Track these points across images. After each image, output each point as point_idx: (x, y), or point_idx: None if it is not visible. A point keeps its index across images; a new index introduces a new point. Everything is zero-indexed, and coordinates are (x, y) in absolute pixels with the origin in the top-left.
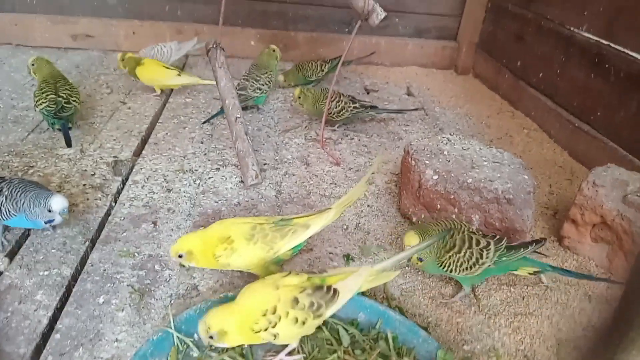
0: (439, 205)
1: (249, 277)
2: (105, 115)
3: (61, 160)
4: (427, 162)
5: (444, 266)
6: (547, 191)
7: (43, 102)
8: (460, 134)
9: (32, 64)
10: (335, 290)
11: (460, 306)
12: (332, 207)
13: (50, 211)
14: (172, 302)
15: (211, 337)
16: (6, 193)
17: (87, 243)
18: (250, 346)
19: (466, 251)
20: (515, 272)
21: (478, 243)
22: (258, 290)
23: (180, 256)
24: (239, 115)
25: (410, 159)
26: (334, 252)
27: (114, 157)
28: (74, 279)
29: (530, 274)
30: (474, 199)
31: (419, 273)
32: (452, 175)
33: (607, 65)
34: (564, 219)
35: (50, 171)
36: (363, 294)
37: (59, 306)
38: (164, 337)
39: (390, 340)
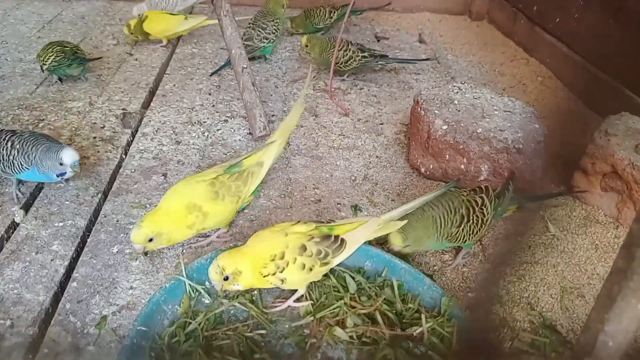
0: (447, 156)
1: (258, 227)
2: (113, 67)
3: (70, 114)
4: (436, 111)
5: (456, 240)
6: (559, 141)
7: (50, 55)
8: (472, 83)
9: None
10: (342, 240)
11: (466, 255)
12: (274, 138)
13: (61, 164)
14: (184, 251)
15: (225, 279)
16: (18, 147)
17: (99, 195)
18: (260, 293)
19: (472, 217)
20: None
21: (477, 203)
22: (267, 237)
23: (150, 240)
24: (245, 66)
25: (419, 109)
26: (342, 203)
27: (123, 109)
28: (88, 230)
29: (514, 211)
30: (483, 148)
31: None
32: (462, 125)
33: (627, 12)
34: (575, 168)
35: (61, 124)
36: (369, 243)
37: (74, 256)
38: (176, 285)
39: (396, 288)
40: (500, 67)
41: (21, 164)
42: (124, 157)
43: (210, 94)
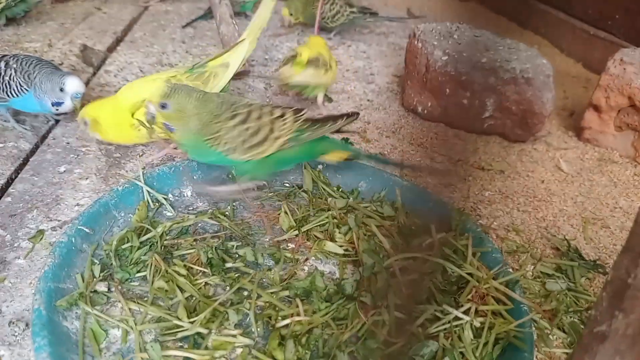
0: (448, 90)
1: None
2: (78, 18)
3: (26, 52)
4: (435, 43)
5: (217, 142)
6: (562, 96)
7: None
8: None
9: None
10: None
11: (472, 187)
12: (244, 38)
13: (62, 90)
14: (145, 167)
15: (85, 124)
16: (14, 66)
17: (49, 123)
18: (233, 208)
19: (252, 120)
20: (326, 157)
21: (271, 114)
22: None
23: (85, 123)
24: None
25: (416, 41)
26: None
27: (83, 44)
28: (33, 152)
29: (345, 159)
30: (488, 80)
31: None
32: (464, 55)
33: None
34: (585, 107)
35: None
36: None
37: (14, 177)
38: (131, 190)
39: (399, 198)
40: None
41: (19, 85)
42: None
43: (184, 42)
